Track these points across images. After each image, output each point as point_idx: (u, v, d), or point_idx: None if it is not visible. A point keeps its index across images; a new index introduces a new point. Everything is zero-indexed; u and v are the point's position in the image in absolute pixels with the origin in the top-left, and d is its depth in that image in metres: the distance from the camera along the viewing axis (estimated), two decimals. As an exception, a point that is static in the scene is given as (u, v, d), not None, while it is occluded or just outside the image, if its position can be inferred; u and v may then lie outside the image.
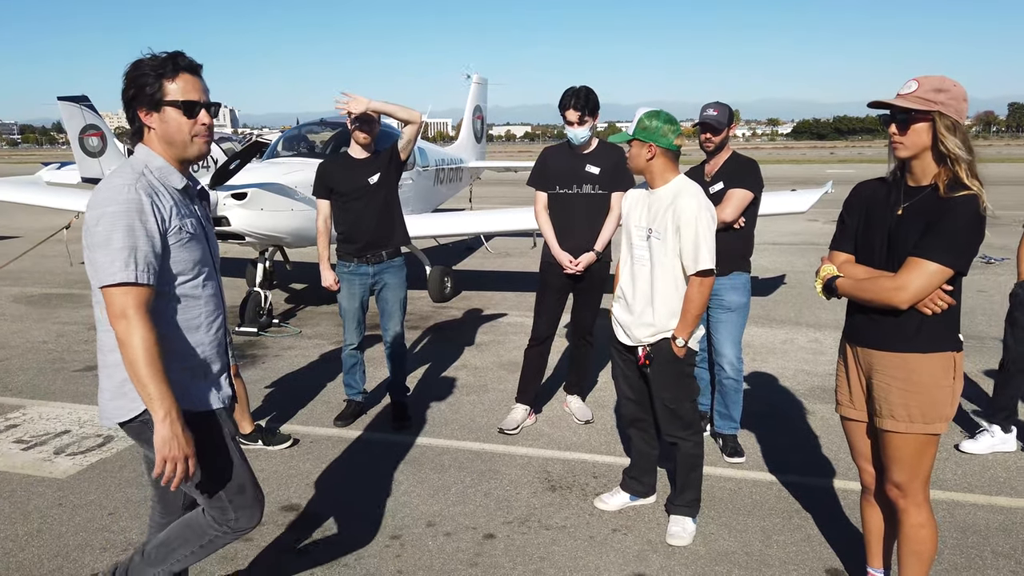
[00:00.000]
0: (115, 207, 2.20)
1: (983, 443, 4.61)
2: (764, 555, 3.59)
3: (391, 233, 5.13)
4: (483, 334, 7.82)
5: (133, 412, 2.35)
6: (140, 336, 2.17)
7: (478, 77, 16.72)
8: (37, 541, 3.73)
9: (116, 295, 2.19)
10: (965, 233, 2.56)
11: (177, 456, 2.23)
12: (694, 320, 3.59)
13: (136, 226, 2.20)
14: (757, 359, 6.71)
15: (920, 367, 2.70)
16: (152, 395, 2.19)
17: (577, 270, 4.85)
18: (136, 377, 2.19)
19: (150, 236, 2.22)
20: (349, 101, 4.76)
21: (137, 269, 2.19)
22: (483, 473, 4.51)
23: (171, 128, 2.33)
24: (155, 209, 2.25)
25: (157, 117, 2.32)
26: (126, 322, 2.18)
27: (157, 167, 2.34)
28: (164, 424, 2.20)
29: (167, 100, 2.30)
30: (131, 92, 2.31)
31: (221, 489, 2.50)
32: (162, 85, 2.29)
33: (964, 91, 2.61)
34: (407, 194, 9.90)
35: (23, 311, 8.99)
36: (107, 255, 2.17)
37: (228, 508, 2.55)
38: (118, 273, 2.17)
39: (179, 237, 2.32)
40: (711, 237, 3.51)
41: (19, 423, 5.33)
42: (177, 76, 2.30)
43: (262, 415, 5.46)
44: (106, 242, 2.18)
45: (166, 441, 2.21)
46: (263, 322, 7.91)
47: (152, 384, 2.18)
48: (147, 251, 2.21)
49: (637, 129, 3.54)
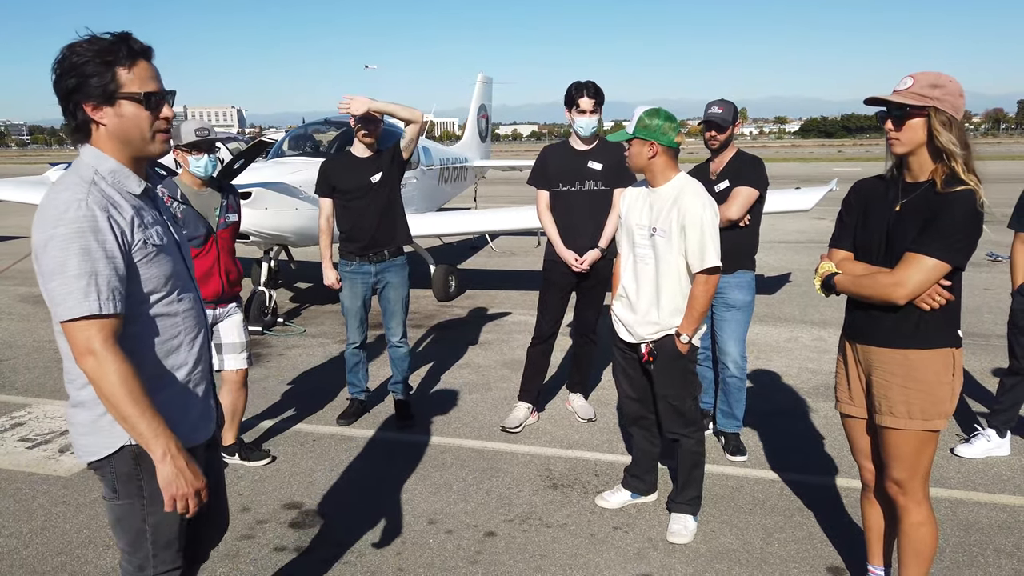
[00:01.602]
0: (64, 228, 1.85)
1: (978, 447, 4.58)
2: (765, 553, 3.59)
3: (393, 232, 5.14)
4: (487, 333, 7.83)
5: (108, 449, 2.06)
6: (114, 371, 1.87)
7: (483, 76, 16.70)
8: (41, 538, 3.76)
9: (78, 330, 1.87)
10: (962, 228, 2.56)
11: (188, 492, 1.98)
12: (699, 317, 3.60)
13: (92, 247, 1.86)
14: (761, 357, 6.69)
15: (919, 363, 2.69)
16: (144, 434, 1.92)
17: (583, 268, 4.86)
18: (121, 417, 1.91)
19: (110, 257, 1.89)
20: (351, 103, 4.78)
21: (100, 298, 1.86)
22: (485, 471, 4.51)
23: (128, 124, 1.97)
24: (112, 224, 1.90)
25: (110, 112, 1.95)
26: (94, 359, 1.87)
27: (109, 171, 1.98)
28: (165, 463, 1.94)
29: (123, 92, 1.93)
30: (71, 83, 1.91)
31: (150, 541, 2.16)
32: (115, 74, 1.92)
33: (960, 87, 2.61)
34: (411, 193, 9.92)
35: (29, 311, 9.04)
36: (62, 285, 1.85)
37: (148, 563, 2.18)
38: (76, 306, 1.85)
39: (145, 252, 1.98)
40: (717, 235, 3.53)
41: (24, 421, 5.37)
42: (134, 63, 1.94)
43: (266, 414, 5.48)
44: (60, 269, 1.85)
45: (171, 480, 1.95)
46: (268, 321, 7.94)
47: (141, 422, 1.90)
48: (108, 275, 1.88)
49: (637, 127, 3.54)
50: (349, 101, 4.80)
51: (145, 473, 2.06)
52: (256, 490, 4.28)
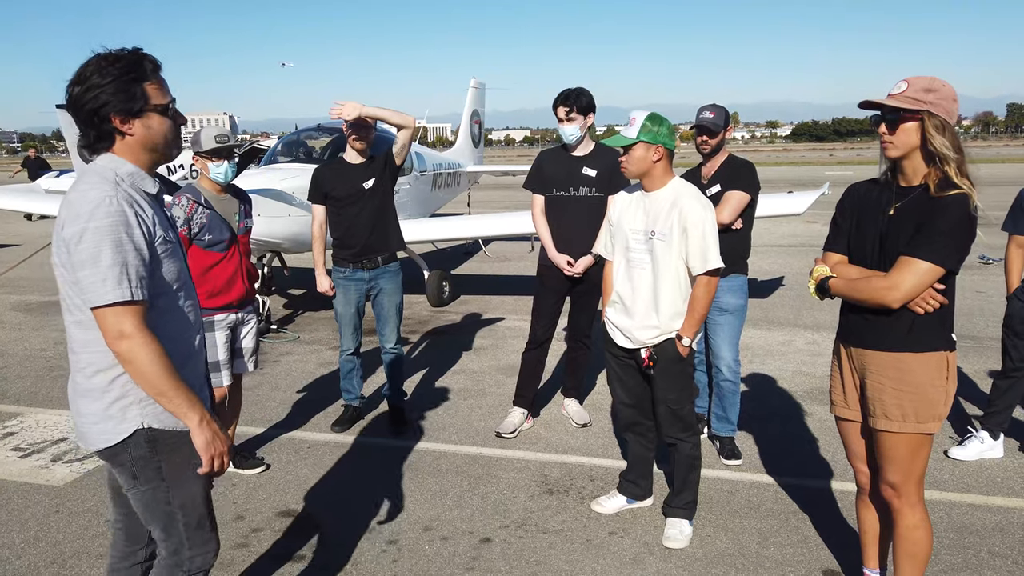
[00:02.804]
0: (98, 221, 2.05)
1: (971, 449, 4.60)
2: (760, 557, 3.59)
3: (386, 238, 5.14)
4: (481, 338, 7.82)
5: (121, 434, 2.21)
6: (149, 350, 2.07)
7: (475, 81, 16.70)
8: (34, 548, 3.73)
9: (111, 315, 2.05)
10: (956, 232, 2.57)
11: (223, 451, 2.21)
12: (701, 319, 3.62)
13: (124, 240, 2.06)
14: (755, 361, 6.70)
15: (913, 367, 2.70)
16: (182, 405, 2.13)
17: (576, 272, 4.86)
18: (158, 392, 2.11)
19: (138, 249, 2.09)
20: (342, 108, 4.78)
21: (131, 286, 2.06)
22: (480, 477, 4.51)
23: (155, 134, 2.20)
24: (139, 220, 2.12)
25: (139, 123, 2.17)
26: (129, 341, 2.06)
27: (128, 173, 2.18)
28: (203, 427, 2.16)
29: (151, 105, 2.17)
30: (103, 99, 2.11)
31: (182, 523, 2.34)
32: (143, 89, 2.15)
33: (953, 91, 2.63)
34: (404, 199, 9.91)
35: (21, 319, 9.00)
36: (96, 273, 2.04)
37: (183, 546, 2.36)
38: (110, 292, 2.03)
39: (164, 248, 2.20)
40: (717, 236, 3.56)
41: (17, 431, 5.33)
42: (156, 78, 2.19)
43: (260, 422, 5.47)
44: (94, 260, 2.04)
45: (209, 442, 2.17)
46: (261, 328, 7.91)
47: (178, 395, 2.12)
48: (138, 265, 2.09)
49: (642, 132, 3.55)
50: (340, 106, 4.80)
51: (162, 454, 2.25)
52: (250, 498, 4.27)
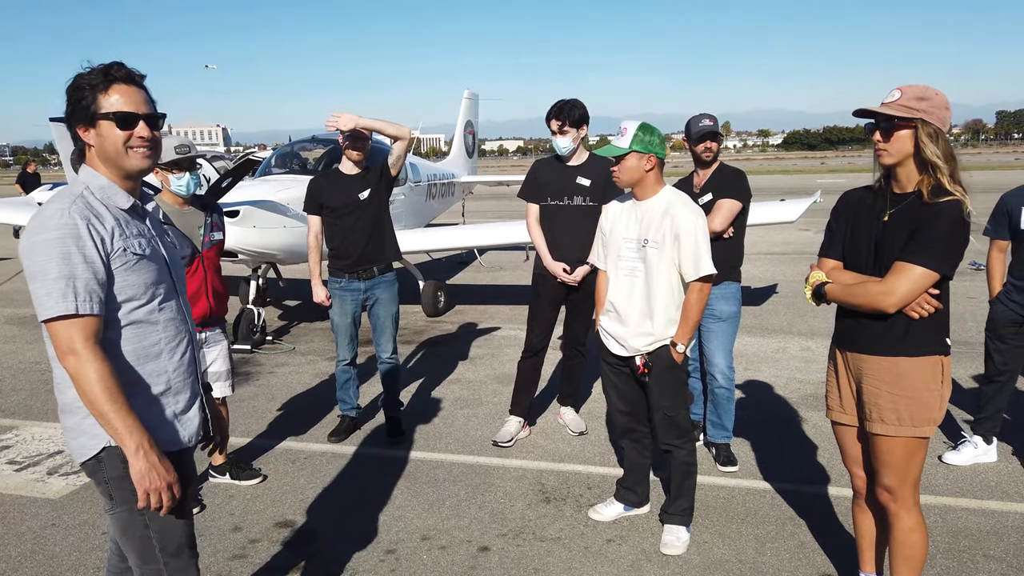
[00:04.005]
0: (47, 234, 2.01)
1: (965, 454, 4.62)
2: (758, 563, 3.60)
3: (382, 248, 5.15)
4: (477, 347, 7.83)
5: (93, 449, 2.17)
6: (93, 369, 1.99)
7: (469, 93, 16.76)
8: (31, 562, 3.72)
9: (59, 329, 2.00)
10: (949, 238, 2.61)
11: (160, 487, 2.09)
12: (694, 325, 3.64)
13: (72, 252, 2.01)
14: (750, 368, 6.73)
15: (909, 371, 2.73)
16: (119, 429, 2.03)
17: (574, 280, 4.88)
18: (98, 413, 2.03)
19: (89, 262, 2.03)
20: (338, 119, 4.80)
21: (78, 300, 2.00)
22: (477, 486, 4.51)
23: (106, 143, 2.15)
24: (91, 232, 2.05)
25: (93, 133, 2.15)
26: (75, 357, 2.00)
27: (100, 187, 2.16)
28: (138, 457, 2.05)
29: (100, 113, 2.12)
30: (68, 109, 2.14)
31: (158, 548, 2.25)
32: (96, 99, 2.12)
33: (946, 99, 2.67)
34: (399, 209, 9.94)
35: (15, 332, 8.97)
36: (43, 286, 2.00)
37: (163, 573, 2.27)
38: (55, 305, 1.99)
39: (124, 260, 2.12)
40: (709, 243, 3.58)
41: (12, 444, 5.32)
42: (110, 88, 2.12)
43: (256, 432, 5.46)
44: (41, 272, 2.00)
45: (144, 474, 2.06)
46: (257, 339, 7.92)
47: (117, 418, 2.02)
48: (87, 278, 2.02)
49: (635, 141, 3.58)
50: (336, 118, 4.82)
51: None
52: (248, 509, 4.26)
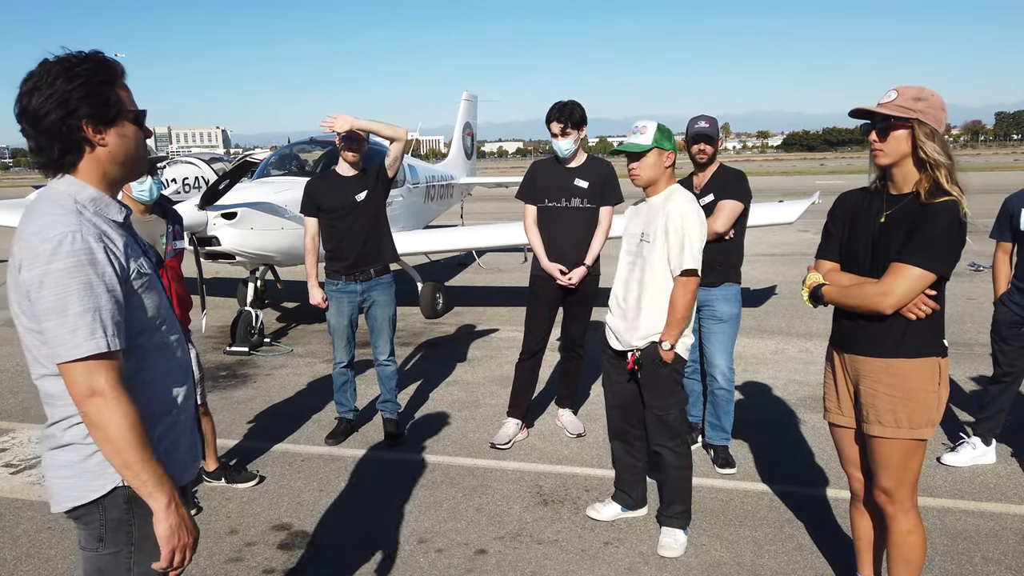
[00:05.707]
0: (61, 262, 1.71)
1: (964, 455, 4.61)
2: (756, 565, 3.59)
3: (379, 250, 5.14)
4: (475, 349, 7.82)
5: (98, 491, 1.87)
6: (122, 414, 1.73)
7: (468, 94, 16.77)
8: (26, 565, 3.71)
9: (82, 370, 1.71)
10: (946, 238, 2.60)
11: (187, 543, 1.86)
12: (679, 323, 3.59)
13: (94, 281, 1.73)
14: (749, 369, 6.72)
15: (906, 372, 2.72)
16: (147, 482, 1.78)
17: (571, 282, 4.86)
18: (124, 464, 1.76)
19: (111, 290, 1.76)
20: (334, 120, 4.79)
21: (107, 335, 1.72)
22: (475, 488, 4.50)
23: (130, 145, 1.88)
24: (109, 255, 1.77)
25: (113, 133, 1.84)
26: (101, 400, 1.72)
27: (90, 199, 1.83)
28: (170, 512, 1.81)
29: (127, 111, 1.86)
30: (72, 105, 1.77)
31: None
32: (118, 94, 1.83)
33: (942, 100, 2.67)
34: (397, 211, 9.93)
35: (11, 335, 8.93)
36: (64, 324, 1.70)
37: None
38: (83, 344, 1.70)
39: (141, 281, 1.86)
40: (698, 239, 3.56)
41: (8, 447, 5.30)
42: (123, 83, 1.88)
43: (253, 435, 5.45)
44: (60, 308, 1.70)
45: (174, 531, 1.82)
46: (255, 341, 7.90)
47: (146, 470, 1.77)
48: (112, 309, 1.75)
49: (658, 138, 3.60)
50: (332, 119, 4.81)
51: (137, 519, 1.90)
52: (244, 512, 4.25)
